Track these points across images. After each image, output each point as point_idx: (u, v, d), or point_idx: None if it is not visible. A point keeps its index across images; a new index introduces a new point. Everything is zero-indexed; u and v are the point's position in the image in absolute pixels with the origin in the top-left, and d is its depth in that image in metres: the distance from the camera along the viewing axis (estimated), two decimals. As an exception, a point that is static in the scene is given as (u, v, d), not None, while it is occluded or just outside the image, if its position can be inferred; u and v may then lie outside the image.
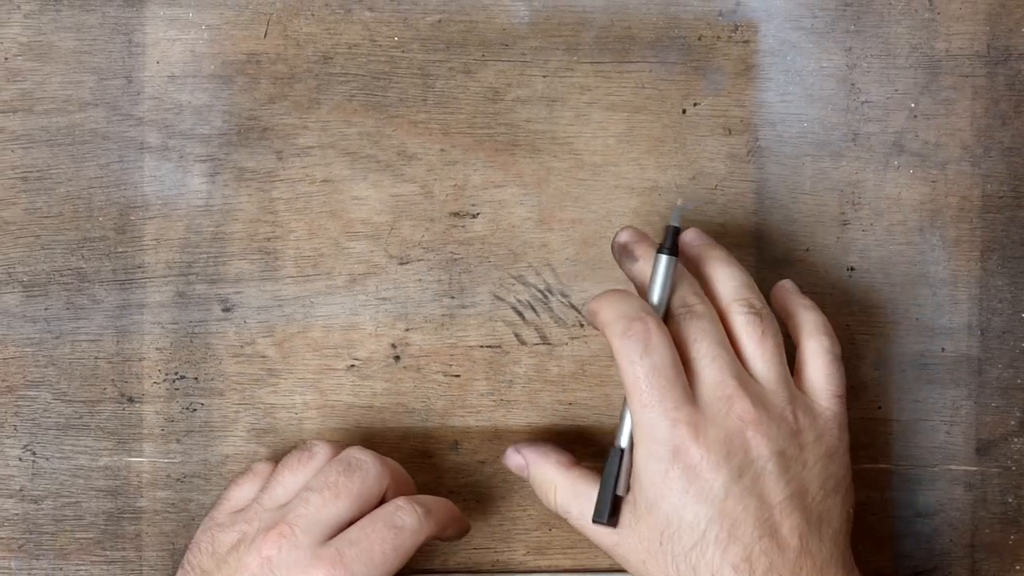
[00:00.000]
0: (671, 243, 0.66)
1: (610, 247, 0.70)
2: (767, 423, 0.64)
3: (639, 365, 0.64)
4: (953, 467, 0.75)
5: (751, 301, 0.67)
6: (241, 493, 0.68)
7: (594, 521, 0.65)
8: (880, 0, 0.74)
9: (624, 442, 0.65)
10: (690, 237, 0.69)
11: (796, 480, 0.65)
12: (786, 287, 0.70)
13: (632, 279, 0.69)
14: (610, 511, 0.65)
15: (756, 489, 0.63)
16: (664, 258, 0.66)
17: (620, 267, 0.69)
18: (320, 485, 0.65)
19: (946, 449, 0.75)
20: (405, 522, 0.65)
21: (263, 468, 0.69)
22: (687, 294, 0.67)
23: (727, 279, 0.68)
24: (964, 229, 0.74)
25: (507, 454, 0.69)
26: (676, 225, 0.66)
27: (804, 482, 0.65)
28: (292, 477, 0.67)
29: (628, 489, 0.65)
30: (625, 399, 0.65)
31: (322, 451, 0.68)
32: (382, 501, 0.67)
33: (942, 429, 0.75)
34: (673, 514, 0.63)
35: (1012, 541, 0.75)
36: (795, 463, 0.65)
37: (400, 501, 0.66)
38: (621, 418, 0.66)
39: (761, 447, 0.64)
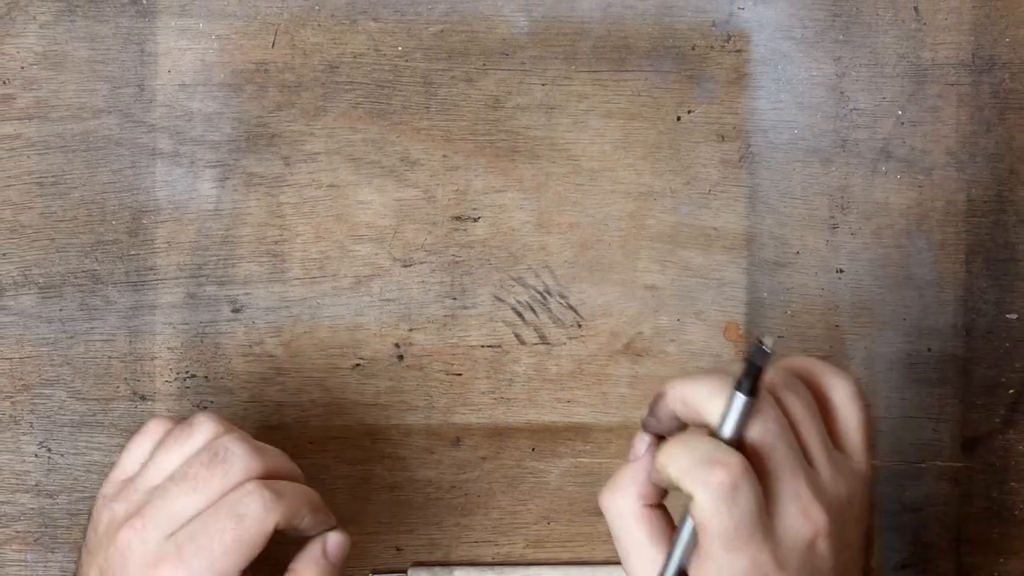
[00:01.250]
0: (751, 383, 0.57)
1: (643, 429, 0.62)
2: (833, 526, 0.60)
3: (727, 515, 0.57)
4: (940, 463, 0.75)
5: (788, 372, 0.62)
6: (130, 460, 0.65)
7: None
8: (868, 11, 0.74)
9: (672, 572, 0.59)
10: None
11: (841, 564, 0.61)
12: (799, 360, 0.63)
13: (674, 419, 0.61)
14: None
15: None
16: (741, 398, 0.57)
17: (662, 429, 0.62)
18: (181, 475, 0.61)
19: (933, 445, 0.75)
20: (249, 510, 0.60)
21: (156, 428, 0.65)
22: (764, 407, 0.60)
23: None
24: (950, 233, 0.75)
25: (641, 439, 0.62)
26: (761, 364, 0.57)
27: (846, 563, 0.62)
28: (167, 457, 0.63)
29: None
30: (685, 520, 0.59)
31: (201, 433, 0.63)
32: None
33: (929, 426, 0.75)
34: None
35: (996, 535, 0.76)
36: (844, 549, 0.61)
37: (249, 486, 0.61)
38: (674, 547, 0.60)
39: (825, 554, 0.60)
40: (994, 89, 0.75)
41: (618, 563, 0.71)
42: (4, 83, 0.71)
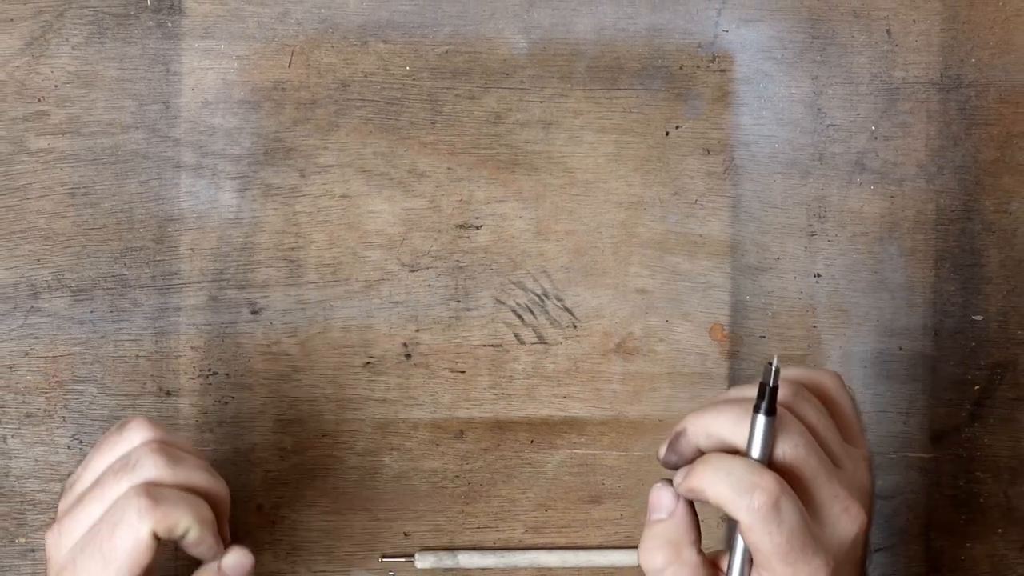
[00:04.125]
0: (769, 403, 0.57)
1: (663, 466, 0.61)
2: (870, 517, 0.60)
3: (777, 534, 0.56)
4: (910, 454, 0.76)
5: (793, 384, 0.61)
6: (83, 463, 0.63)
7: None
8: (844, 34, 0.74)
9: None
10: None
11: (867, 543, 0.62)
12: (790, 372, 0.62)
13: (696, 454, 0.60)
14: None
15: (854, 571, 0.60)
16: (763, 419, 0.57)
17: (683, 463, 0.60)
18: (96, 483, 0.59)
19: (904, 438, 0.76)
20: (123, 517, 0.57)
21: (104, 437, 0.62)
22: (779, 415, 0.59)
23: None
24: (919, 240, 0.75)
25: (664, 494, 0.59)
26: (776, 385, 0.57)
27: (869, 541, 0.62)
28: (97, 461, 0.61)
29: None
30: (736, 539, 0.58)
31: (127, 440, 0.60)
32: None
33: (900, 420, 0.76)
34: None
35: (963, 521, 0.76)
36: (861, 550, 0.61)
37: (128, 492, 0.57)
38: (730, 568, 0.58)
39: (863, 539, 0.60)
40: (961, 106, 0.75)
41: (611, 547, 0.74)
42: (39, 100, 0.71)
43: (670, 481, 0.59)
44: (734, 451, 0.58)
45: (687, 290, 0.75)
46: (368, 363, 0.74)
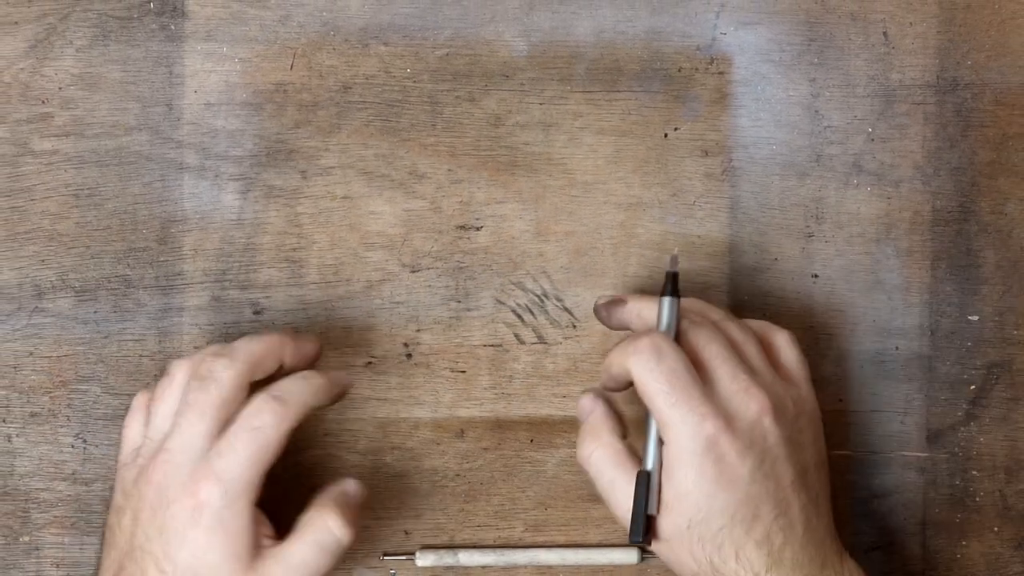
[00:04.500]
0: (672, 286, 0.67)
1: (593, 312, 0.71)
2: (778, 410, 0.64)
3: (657, 371, 0.63)
4: (906, 453, 0.76)
5: (728, 315, 0.69)
6: (132, 433, 0.67)
7: (631, 542, 0.64)
8: (841, 36, 0.74)
9: (650, 464, 0.64)
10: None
11: (800, 462, 0.65)
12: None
13: (627, 324, 0.69)
14: (644, 529, 0.64)
15: (774, 473, 0.63)
16: (668, 299, 0.66)
17: (609, 323, 0.70)
18: (184, 408, 0.64)
19: (900, 437, 0.76)
20: (264, 421, 0.63)
21: (140, 401, 0.68)
22: (688, 314, 0.67)
23: (709, 311, 0.69)
24: (916, 240, 0.75)
25: (585, 399, 0.68)
26: (675, 271, 0.67)
27: (804, 463, 0.65)
28: (164, 406, 0.66)
29: (658, 508, 0.64)
30: (648, 418, 0.65)
31: (179, 373, 0.66)
32: (281, 374, 0.66)
33: (896, 419, 0.76)
34: (704, 501, 0.62)
35: (959, 519, 0.76)
36: (798, 446, 0.65)
37: (258, 402, 0.64)
38: (646, 441, 0.65)
39: (775, 433, 0.64)
40: (957, 108, 0.75)
41: (611, 545, 0.73)
42: (43, 103, 0.71)
43: (586, 391, 0.68)
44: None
45: (685, 290, 0.73)
46: (369, 363, 0.74)
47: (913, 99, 0.75)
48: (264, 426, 0.63)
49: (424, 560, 0.74)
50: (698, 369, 0.64)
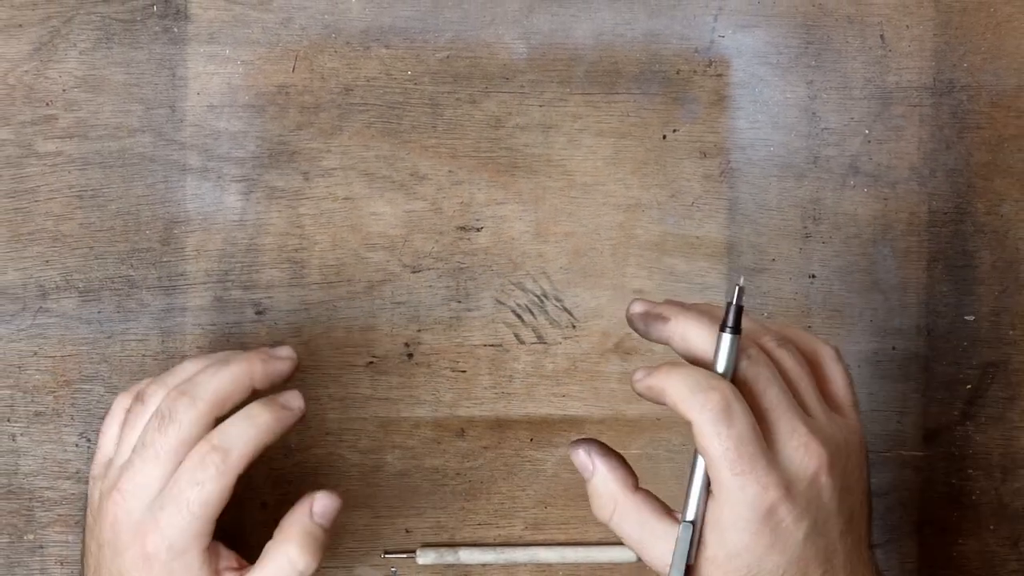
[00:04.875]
0: (736, 322, 0.59)
1: (627, 319, 0.64)
2: (833, 462, 0.61)
3: (726, 437, 0.58)
4: (904, 452, 0.76)
5: (779, 335, 0.63)
6: (107, 441, 0.66)
7: None
8: (838, 39, 0.75)
9: (692, 515, 0.60)
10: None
11: (849, 507, 0.62)
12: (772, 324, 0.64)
13: (666, 341, 0.63)
14: None
15: (825, 529, 0.61)
16: (729, 336, 0.59)
17: (646, 335, 0.63)
18: (141, 445, 0.62)
19: (897, 436, 0.76)
20: (207, 475, 0.61)
21: (121, 405, 0.66)
22: (748, 346, 0.61)
23: (761, 333, 0.63)
24: (912, 241, 0.76)
25: (576, 451, 0.63)
26: (741, 305, 0.59)
27: (852, 506, 0.62)
28: (131, 433, 0.64)
29: (695, 555, 0.60)
30: (695, 463, 0.60)
31: (151, 401, 0.64)
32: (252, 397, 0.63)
33: (894, 419, 0.76)
34: (755, 563, 0.60)
35: (955, 518, 0.77)
36: (848, 492, 0.62)
37: (199, 455, 0.61)
38: (690, 486, 0.60)
39: (830, 488, 0.60)
40: (953, 110, 0.75)
41: (609, 543, 0.74)
42: (47, 104, 0.72)
43: (578, 441, 0.63)
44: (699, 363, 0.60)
45: (684, 291, 0.76)
46: (371, 363, 0.75)
47: (910, 101, 0.76)
48: (207, 479, 0.61)
49: (425, 558, 0.75)
50: (754, 411, 0.60)
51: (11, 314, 0.73)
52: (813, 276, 0.76)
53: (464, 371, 0.75)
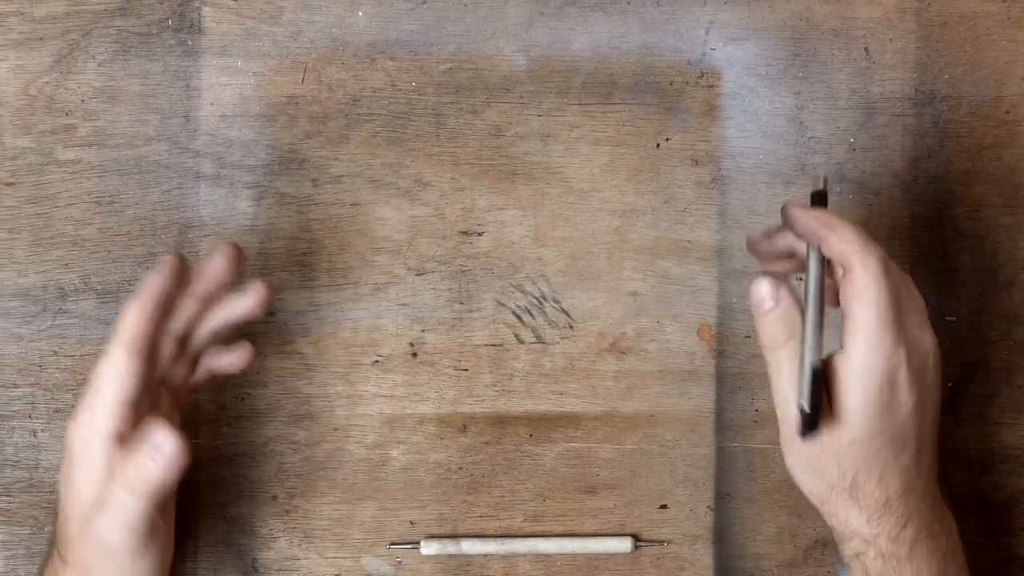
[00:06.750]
0: (822, 200, 0.63)
1: (747, 246, 0.67)
2: (936, 354, 0.63)
3: (886, 286, 0.60)
4: None
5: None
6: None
7: (804, 437, 0.62)
8: (824, 51, 0.75)
9: (817, 358, 0.61)
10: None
11: (937, 403, 0.64)
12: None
13: (788, 251, 0.66)
14: (813, 424, 0.61)
15: (924, 409, 0.63)
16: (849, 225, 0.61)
17: (773, 249, 0.66)
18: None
19: None
20: (117, 512, 0.63)
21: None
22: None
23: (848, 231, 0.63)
24: (896, 245, 0.76)
25: (761, 282, 0.64)
26: (825, 190, 0.63)
27: (938, 405, 0.64)
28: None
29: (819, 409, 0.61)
30: (816, 307, 0.61)
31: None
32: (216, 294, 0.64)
33: None
34: (873, 422, 0.61)
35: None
36: (938, 390, 0.64)
37: (112, 490, 0.63)
38: (813, 336, 0.61)
39: (933, 374, 0.63)
40: (935, 120, 0.76)
41: (606, 535, 0.73)
42: (67, 114, 0.72)
43: (764, 274, 0.63)
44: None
45: (677, 293, 0.76)
46: (377, 361, 0.75)
47: (893, 111, 0.76)
48: (121, 512, 0.63)
49: (429, 549, 0.75)
50: None
51: (32, 315, 0.73)
52: (800, 279, 0.74)
53: (466, 370, 0.75)
